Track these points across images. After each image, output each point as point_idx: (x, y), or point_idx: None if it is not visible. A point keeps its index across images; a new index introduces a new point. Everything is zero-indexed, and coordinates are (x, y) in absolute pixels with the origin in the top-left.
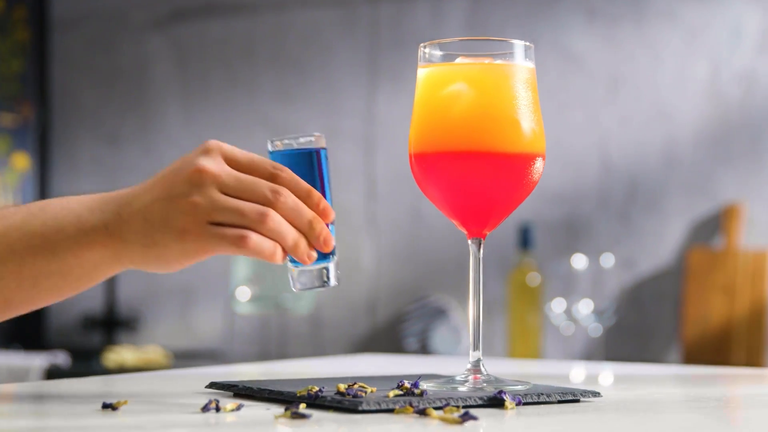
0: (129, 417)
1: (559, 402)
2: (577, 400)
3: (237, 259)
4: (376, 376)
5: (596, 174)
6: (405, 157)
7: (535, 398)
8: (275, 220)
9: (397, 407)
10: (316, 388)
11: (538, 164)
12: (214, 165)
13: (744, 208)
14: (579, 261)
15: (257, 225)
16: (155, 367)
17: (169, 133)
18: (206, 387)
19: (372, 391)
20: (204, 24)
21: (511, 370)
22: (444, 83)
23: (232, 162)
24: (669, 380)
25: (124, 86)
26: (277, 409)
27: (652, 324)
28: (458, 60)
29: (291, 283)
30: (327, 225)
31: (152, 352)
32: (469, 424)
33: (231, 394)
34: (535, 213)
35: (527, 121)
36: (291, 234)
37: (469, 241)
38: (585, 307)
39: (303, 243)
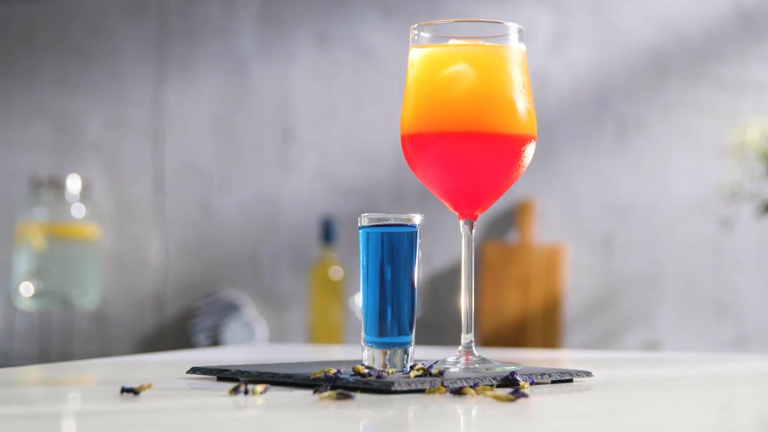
0: (156, 401)
1: (554, 382)
2: (571, 380)
3: (19, 253)
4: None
5: (391, 168)
6: (195, 149)
7: (539, 378)
8: None
9: (428, 387)
10: (333, 370)
11: (532, 146)
12: None
13: (536, 204)
14: None
15: None
16: None
17: None
18: (187, 372)
19: (392, 371)
20: None
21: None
22: (443, 64)
23: None
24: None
25: None
26: (299, 393)
27: (448, 316)
28: (451, 42)
29: None
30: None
31: None
32: (520, 401)
33: (215, 378)
34: (332, 207)
35: (524, 103)
36: None
37: (461, 222)
38: None
39: None
